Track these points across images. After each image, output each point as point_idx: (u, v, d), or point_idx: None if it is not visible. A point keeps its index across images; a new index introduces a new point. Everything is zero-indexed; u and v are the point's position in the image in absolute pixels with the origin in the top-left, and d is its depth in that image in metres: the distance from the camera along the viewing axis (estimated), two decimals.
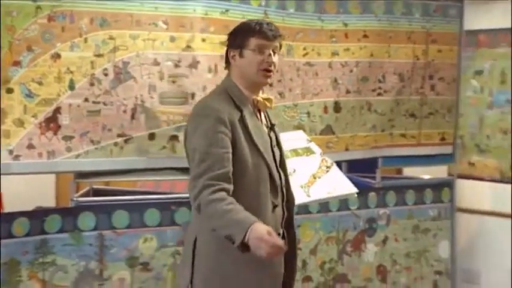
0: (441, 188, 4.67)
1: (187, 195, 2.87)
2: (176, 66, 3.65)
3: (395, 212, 4.46)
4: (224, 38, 3.71)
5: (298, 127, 4.05)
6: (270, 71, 2.86)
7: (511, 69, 4.84)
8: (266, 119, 2.99)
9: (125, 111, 3.55)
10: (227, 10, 3.77)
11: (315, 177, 3.37)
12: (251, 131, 2.82)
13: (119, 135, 3.55)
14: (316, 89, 4.15)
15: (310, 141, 3.57)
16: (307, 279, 4.17)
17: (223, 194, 2.68)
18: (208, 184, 2.68)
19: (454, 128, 4.68)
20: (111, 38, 3.49)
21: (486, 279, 5.02)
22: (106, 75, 3.50)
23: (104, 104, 3.50)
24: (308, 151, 3.50)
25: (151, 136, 3.63)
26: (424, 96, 4.55)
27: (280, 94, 3.99)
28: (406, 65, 4.45)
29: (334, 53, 4.19)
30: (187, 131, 2.87)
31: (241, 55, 2.87)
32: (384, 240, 4.46)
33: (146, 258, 3.68)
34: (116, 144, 3.55)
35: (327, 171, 3.41)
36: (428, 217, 4.62)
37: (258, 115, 2.94)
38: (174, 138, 3.67)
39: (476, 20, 4.89)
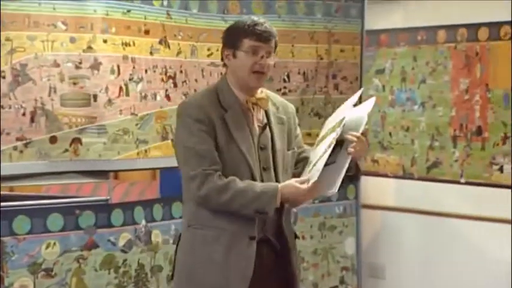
0: (346, 185, 4.75)
1: (91, 198, 2.83)
2: (77, 67, 3.59)
3: (301, 210, 4.50)
4: (126, 38, 3.74)
5: None
6: (262, 73, 2.78)
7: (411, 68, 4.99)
8: (263, 118, 2.86)
9: (24, 114, 3.46)
10: (129, 10, 3.73)
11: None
12: (232, 131, 2.75)
13: (18, 139, 3.46)
14: None
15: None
16: None
17: (227, 178, 2.70)
18: (208, 173, 2.69)
19: None
20: (7, 39, 3.39)
21: (391, 273, 5.14)
22: (3, 77, 3.40)
23: (2, 107, 3.41)
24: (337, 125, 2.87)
25: (53, 139, 3.55)
26: (328, 95, 4.62)
27: (185, 95, 3.98)
28: (309, 65, 4.51)
29: None
30: (175, 129, 2.88)
31: (234, 55, 2.78)
32: None
33: (49, 264, 3.60)
34: (15, 148, 3.46)
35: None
36: (334, 214, 4.70)
37: (251, 115, 2.82)
38: (77, 140, 3.61)
39: (377, 20, 5.01)
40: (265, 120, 2.85)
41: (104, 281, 3.75)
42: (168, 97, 3.90)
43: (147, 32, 3.80)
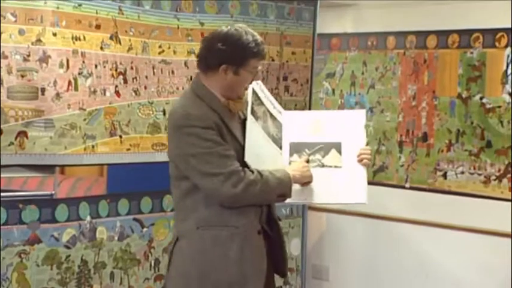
0: None
1: (36, 193, 2.79)
2: (25, 60, 3.55)
3: None
4: (77, 32, 3.70)
5: (154, 125, 4.04)
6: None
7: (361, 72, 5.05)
8: (240, 115, 2.95)
9: None
10: (80, 5, 3.70)
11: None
12: (233, 130, 2.84)
13: None
14: (172, 87, 4.14)
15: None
16: (160, 277, 4.16)
17: (252, 171, 2.80)
18: (241, 170, 2.76)
19: None
20: None
21: (335, 274, 5.19)
22: None
23: None
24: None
25: None
26: (279, 96, 4.64)
27: (135, 92, 3.96)
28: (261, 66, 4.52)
29: (190, 52, 4.20)
30: (173, 143, 2.85)
31: (236, 73, 2.83)
32: None
33: None
34: None
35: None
36: (281, 215, 4.72)
37: (234, 115, 2.91)
38: (23, 134, 3.57)
39: (329, 24, 5.06)
40: (242, 117, 2.94)
41: (46, 277, 3.71)
42: (117, 93, 3.88)
43: (98, 27, 3.78)
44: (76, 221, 3.82)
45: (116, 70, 3.88)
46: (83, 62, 3.73)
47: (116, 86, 3.88)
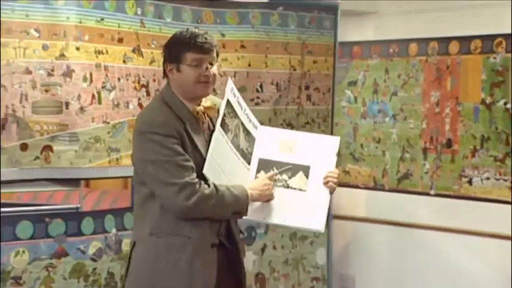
0: None
1: (62, 206, 2.84)
2: (49, 74, 3.57)
3: None
4: (99, 46, 3.73)
5: None
6: (208, 82, 2.82)
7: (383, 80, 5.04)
8: (210, 125, 2.91)
9: None
10: (102, 19, 3.73)
11: None
12: (196, 142, 2.80)
13: None
14: None
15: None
16: None
17: (208, 185, 2.76)
18: (195, 182, 2.73)
19: None
20: None
21: (361, 284, 5.17)
22: None
23: None
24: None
25: (24, 146, 3.53)
26: (301, 106, 4.64)
27: None
28: (283, 75, 4.53)
29: None
30: (135, 147, 2.84)
31: (178, 69, 2.81)
32: (263, 248, 4.52)
33: (18, 272, 3.57)
34: None
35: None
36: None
37: (202, 124, 2.88)
38: (48, 148, 3.59)
39: (350, 32, 5.05)
40: (211, 127, 2.89)
41: None
42: (140, 105, 3.89)
43: (120, 40, 3.80)
44: (102, 233, 3.84)
45: (139, 83, 3.90)
46: (106, 75, 3.75)
47: (139, 99, 3.90)
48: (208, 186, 2.76)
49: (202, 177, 2.77)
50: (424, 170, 4.90)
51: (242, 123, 2.98)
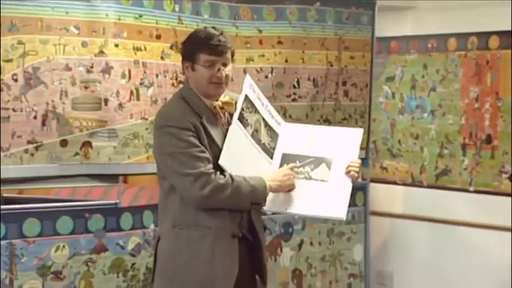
0: (355, 192, 4.70)
1: (101, 202, 2.89)
2: (88, 71, 3.60)
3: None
4: (138, 43, 3.75)
5: None
6: (220, 83, 2.89)
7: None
8: (229, 120, 2.97)
9: (35, 118, 3.49)
10: (141, 15, 3.75)
11: None
12: (212, 135, 2.87)
13: (29, 142, 3.48)
14: None
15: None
16: None
17: (224, 175, 2.82)
18: (210, 173, 2.79)
19: (367, 133, 4.76)
20: (20, 43, 3.42)
21: (399, 281, 5.14)
22: (15, 80, 3.43)
23: (14, 110, 3.43)
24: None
25: (63, 143, 3.57)
26: (338, 101, 4.62)
27: None
28: (320, 71, 4.52)
29: (249, 59, 4.22)
30: (155, 142, 2.94)
31: (193, 68, 2.90)
32: (300, 245, 4.51)
33: (58, 267, 3.61)
34: (26, 151, 3.48)
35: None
36: (343, 221, 4.68)
37: (220, 118, 2.94)
38: (87, 144, 3.63)
39: (388, 27, 5.01)
40: (230, 121, 2.95)
41: (113, 285, 3.76)
42: None
43: (158, 37, 3.82)
44: (140, 229, 3.86)
45: (176, 79, 3.91)
46: (144, 72, 3.77)
47: None
48: (224, 176, 2.81)
49: (220, 169, 2.83)
50: (463, 166, 4.84)
51: (263, 119, 3.04)
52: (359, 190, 4.76)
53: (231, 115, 2.94)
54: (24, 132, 3.46)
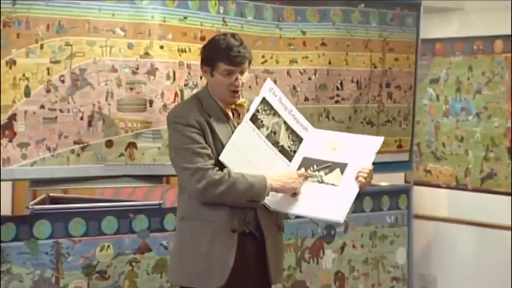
0: (398, 194, 4.71)
1: (145, 202, 2.96)
2: (134, 73, 3.64)
3: (353, 218, 4.49)
4: (182, 45, 3.77)
5: None
6: (237, 91, 3.01)
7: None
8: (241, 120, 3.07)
9: (81, 118, 3.53)
10: (185, 17, 3.77)
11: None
12: (218, 133, 2.98)
13: (76, 143, 3.52)
14: None
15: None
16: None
17: (223, 171, 2.93)
18: (206, 168, 2.91)
19: (410, 135, 4.72)
20: (67, 44, 3.47)
21: (443, 285, 5.09)
22: (63, 81, 3.47)
23: (61, 111, 3.48)
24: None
25: (109, 143, 3.61)
26: (381, 104, 4.59)
27: None
28: (363, 73, 4.49)
29: (293, 61, 4.21)
30: (168, 136, 3.10)
31: (211, 74, 3.01)
32: (342, 247, 4.49)
33: (103, 267, 3.66)
34: (72, 151, 3.53)
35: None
36: (386, 224, 4.66)
37: (230, 119, 3.05)
38: (132, 145, 3.66)
39: (433, 29, 4.97)
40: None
41: (156, 285, 3.78)
42: None
43: (203, 39, 3.82)
44: None
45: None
46: (189, 73, 3.79)
47: None
48: (221, 172, 2.92)
49: (223, 166, 2.94)
50: (509, 170, 4.78)
51: (285, 122, 3.11)
52: (402, 193, 4.72)
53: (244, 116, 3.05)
54: (71, 132, 3.51)
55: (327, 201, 3.04)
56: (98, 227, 3.65)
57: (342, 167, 3.09)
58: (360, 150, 3.14)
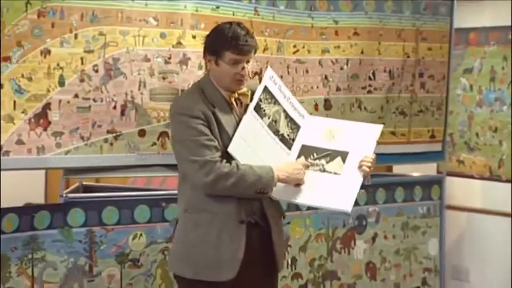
0: (430, 185, 4.68)
1: (177, 191, 2.98)
2: (166, 62, 3.65)
3: (384, 209, 4.47)
4: None
5: None
6: (242, 80, 3.01)
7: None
8: (244, 110, 3.07)
9: (115, 108, 3.55)
10: (218, 7, 3.77)
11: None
12: (224, 124, 2.97)
13: (109, 132, 3.55)
14: (306, 86, 4.15)
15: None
16: (297, 276, 4.18)
17: (230, 164, 2.91)
18: (215, 161, 2.89)
19: (443, 125, 4.68)
20: (101, 34, 3.49)
21: (475, 276, 5.05)
22: (96, 71, 3.50)
23: (94, 100, 3.50)
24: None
25: (142, 132, 3.63)
26: (414, 94, 4.56)
27: None
28: (396, 63, 4.46)
29: (325, 51, 4.20)
30: (170, 128, 3.09)
31: (216, 63, 3.01)
32: (374, 238, 4.48)
33: (136, 255, 3.69)
34: (105, 140, 3.55)
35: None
36: (418, 214, 4.64)
37: (234, 108, 3.05)
38: (165, 134, 3.67)
39: (467, 18, 4.92)
40: (245, 111, 3.04)
41: None
42: None
43: None
44: None
45: (252, 70, 3.92)
46: None
47: None
48: (230, 164, 2.90)
49: (230, 157, 2.92)
50: None
51: (284, 110, 3.12)
52: (435, 184, 4.69)
53: (247, 106, 3.04)
54: (104, 122, 3.54)
55: (332, 191, 3.04)
56: (131, 216, 3.68)
57: (343, 155, 3.09)
58: (360, 138, 3.13)
